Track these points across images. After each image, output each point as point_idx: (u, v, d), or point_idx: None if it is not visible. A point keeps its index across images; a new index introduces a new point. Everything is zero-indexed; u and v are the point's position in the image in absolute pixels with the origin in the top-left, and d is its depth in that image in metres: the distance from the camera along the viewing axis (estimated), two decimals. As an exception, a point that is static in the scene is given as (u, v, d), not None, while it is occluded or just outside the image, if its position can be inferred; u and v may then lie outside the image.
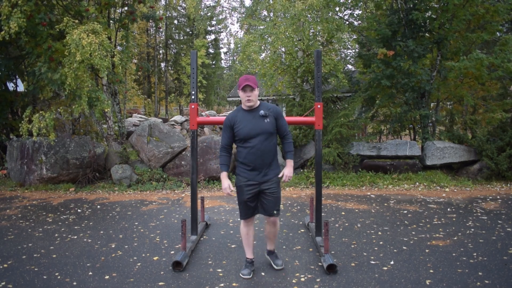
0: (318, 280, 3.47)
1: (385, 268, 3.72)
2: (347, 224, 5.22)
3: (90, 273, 3.69)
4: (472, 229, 4.91)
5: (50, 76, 7.10)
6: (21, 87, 10.24)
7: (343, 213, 5.80)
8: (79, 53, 6.49)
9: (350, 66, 13.15)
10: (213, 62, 31.89)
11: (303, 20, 8.94)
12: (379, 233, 4.81)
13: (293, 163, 3.63)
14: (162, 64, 30.07)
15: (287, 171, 3.56)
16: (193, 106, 4.36)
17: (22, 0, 6.73)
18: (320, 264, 3.82)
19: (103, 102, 7.27)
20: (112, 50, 7.40)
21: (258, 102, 3.52)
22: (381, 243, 4.43)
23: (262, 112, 3.45)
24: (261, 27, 9.80)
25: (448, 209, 5.93)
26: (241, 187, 3.51)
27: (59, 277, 3.60)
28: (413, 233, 4.79)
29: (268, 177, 3.49)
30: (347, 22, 11.18)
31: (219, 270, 3.73)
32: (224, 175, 3.53)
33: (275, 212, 3.50)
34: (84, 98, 7.10)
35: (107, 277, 3.60)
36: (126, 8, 8.80)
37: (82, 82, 7.00)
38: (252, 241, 3.73)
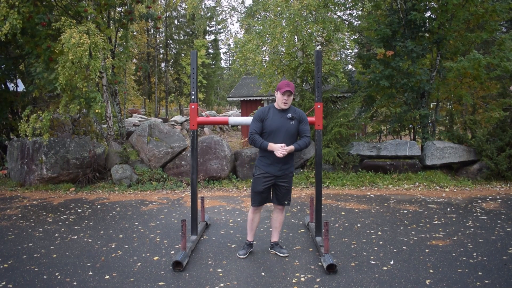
0: (318, 280, 3.48)
1: (385, 268, 3.73)
2: (347, 224, 5.23)
3: (90, 273, 3.69)
4: (472, 229, 4.91)
5: (47, 76, 7.09)
6: (21, 87, 10.24)
7: (343, 213, 5.81)
8: (71, 52, 6.47)
9: (350, 66, 13.14)
10: (213, 62, 31.93)
11: (299, 21, 8.92)
12: (379, 233, 4.82)
13: (293, 148, 3.78)
14: (162, 64, 30.09)
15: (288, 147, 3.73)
16: (193, 106, 4.37)
17: (20, 1, 6.73)
18: (320, 264, 3.82)
19: (98, 103, 7.25)
20: (112, 50, 7.39)
21: (288, 105, 3.90)
22: (381, 243, 4.44)
23: (289, 115, 3.84)
24: (258, 26, 9.78)
25: (448, 209, 5.94)
26: (259, 178, 3.89)
27: (59, 277, 3.61)
28: (413, 233, 4.79)
29: (284, 172, 3.88)
30: (347, 23, 11.18)
31: (219, 270, 3.74)
32: (270, 145, 3.73)
33: (286, 202, 4.00)
34: (65, 97, 7.10)
35: (107, 277, 3.60)
36: (125, 7, 8.81)
37: (73, 81, 6.99)
38: (255, 227, 4.14)
